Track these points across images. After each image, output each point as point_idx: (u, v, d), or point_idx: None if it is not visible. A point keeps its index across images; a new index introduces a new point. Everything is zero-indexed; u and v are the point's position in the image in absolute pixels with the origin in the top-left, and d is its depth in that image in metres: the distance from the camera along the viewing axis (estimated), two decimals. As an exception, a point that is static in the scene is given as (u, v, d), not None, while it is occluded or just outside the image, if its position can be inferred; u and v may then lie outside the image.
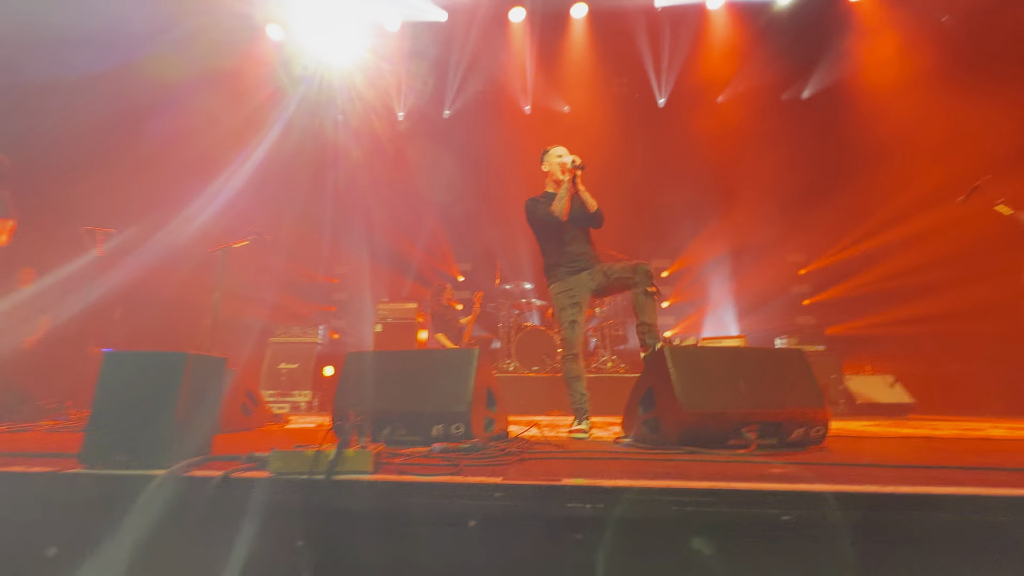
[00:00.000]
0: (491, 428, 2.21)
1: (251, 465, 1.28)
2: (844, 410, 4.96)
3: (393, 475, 1.24)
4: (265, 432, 2.72)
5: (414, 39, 7.00)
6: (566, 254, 2.79)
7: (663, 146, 7.40)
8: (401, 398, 2.05)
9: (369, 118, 7.67)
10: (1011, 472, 1.31)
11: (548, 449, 1.81)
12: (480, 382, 2.13)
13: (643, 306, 2.53)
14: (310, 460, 1.22)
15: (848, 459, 1.60)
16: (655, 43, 7.04)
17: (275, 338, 5.98)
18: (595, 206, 2.77)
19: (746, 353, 2.02)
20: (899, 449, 1.89)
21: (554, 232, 2.81)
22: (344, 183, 7.53)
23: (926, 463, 1.47)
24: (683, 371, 1.89)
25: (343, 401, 2.14)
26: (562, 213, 2.71)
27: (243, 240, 3.89)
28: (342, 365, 2.24)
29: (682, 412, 1.79)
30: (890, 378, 5.08)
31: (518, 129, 7.57)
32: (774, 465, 1.44)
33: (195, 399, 1.44)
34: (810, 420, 1.91)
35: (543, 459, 1.61)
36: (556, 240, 2.82)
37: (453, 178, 7.55)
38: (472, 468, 1.39)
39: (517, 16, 6.89)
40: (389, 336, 5.98)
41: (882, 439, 2.35)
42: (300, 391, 5.66)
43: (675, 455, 1.68)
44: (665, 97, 7.43)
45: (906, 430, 2.95)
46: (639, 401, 2.15)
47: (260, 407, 3.02)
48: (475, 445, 1.70)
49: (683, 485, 1.13)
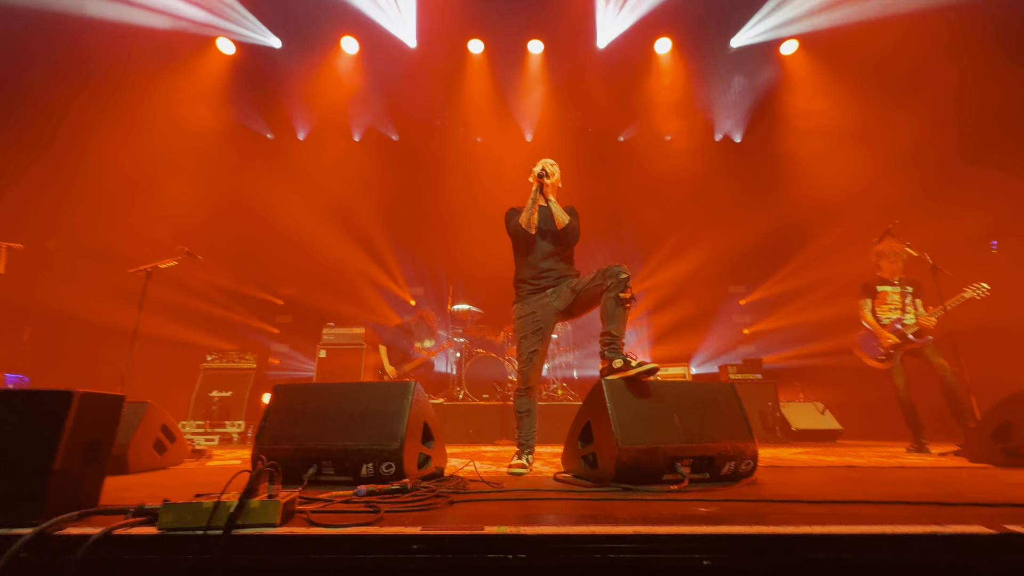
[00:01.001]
0: (426, 465, 2.12)
1: (138, 520, 1.14)
2: (781, 437, 5.17)
3: (302, 527, 1.14)
4: (178, 473, 2.49)
5: (374, 60, 7.00)
6: (532, 268, 2.66)
7: (618, 179, 7.68)
8: (330, 434, 1.93)
9: (324, 135, 7.55)
10: (916, 506, 1.38)
11: (481, 489, 1.75)
12: (416, 416, 2.04)
13: (612, 314, 2.32)
14: (207, 513, 1.11)
15: (773, 494, 1.64)
16: (608, 79, 7.37)
17: (208, 363, 5.58)
18: (565, 221, 2.62)
19: (680, 387, 2.05)
20: (821, 481, 1.96)
21: (522, 244, 2.70)
22: (294, 200, 7.29)
23: (843, 497, 1.53)
24: (620, 406, 1.90)
25: (266, 438, 1.99)
26: (528, 225, 2.61)
27: (171, 260, 3.63)
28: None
29: (618, 448, 1.78)
30: (820, 405, 5.38)
31: (474, 154, 7.66)
32: (702, 504, 1.45)
33: (81, 444, 1.28)
34: (740, 453, 1.95)
35: (474, 501, 1.54)
36: (524, 253, 2.71)
37: (406, 200, 7.51)
38: (394, 515, 1.31)
39: (476, 47, 7.04)
40: (333, 362, 5.72)
41: (808, 469, 2.44)
42: (233, 421, 5.27)
43: (608, 494, 1.66)
44: (619, 131, 7.78)
45: (831, 458, 3.09)
46: (578, 436, 2.13)
47: (177, 442, 2.77)
48: (404, 486, 1.61)
49: (607, 531, 1.10)
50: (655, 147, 7.75)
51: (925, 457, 3.20)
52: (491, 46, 7.00)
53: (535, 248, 2.67)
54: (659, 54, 7.02)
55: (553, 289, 2.62)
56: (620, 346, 2.30)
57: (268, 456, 1.91)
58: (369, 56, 6.94)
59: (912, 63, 5.91)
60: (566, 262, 2.71)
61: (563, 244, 2.67)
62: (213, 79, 6.68)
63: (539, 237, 2.67)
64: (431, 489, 1.62)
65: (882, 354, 3.89)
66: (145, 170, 6.19)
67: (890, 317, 3.95)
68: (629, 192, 7.61)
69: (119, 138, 6.06)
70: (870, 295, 4.08)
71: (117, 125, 6.08)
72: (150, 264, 3.53)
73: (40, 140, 5.87)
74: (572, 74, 7.16)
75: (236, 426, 5.23)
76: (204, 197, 6.68)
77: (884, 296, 4.02)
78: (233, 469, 2.65)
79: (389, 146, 7.78)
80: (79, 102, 5.95)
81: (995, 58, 5.44)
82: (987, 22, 5.40)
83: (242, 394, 5.39)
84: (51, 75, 5.75)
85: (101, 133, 6.01)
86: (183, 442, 2.85)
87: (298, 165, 7.39)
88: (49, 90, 5.77)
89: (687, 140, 7.71)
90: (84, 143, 5.97)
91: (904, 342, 3.81)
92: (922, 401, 3.85)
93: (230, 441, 5.18)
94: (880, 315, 3.99)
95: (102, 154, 5.98)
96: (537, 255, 2.66)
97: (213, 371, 5.53)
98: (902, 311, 3.93)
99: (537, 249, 2.67)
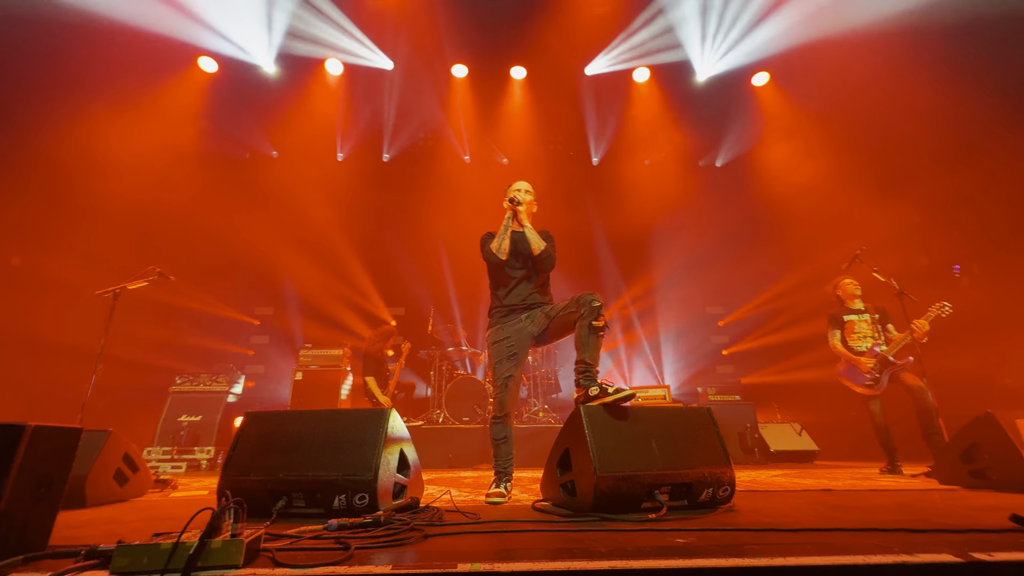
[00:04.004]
0: (402, 495, 2.06)
1: (89, 563, 1.08)
2: (760, 458, 5.20)
3: (267, 568, 1.09)
4: (139, 506, 2.36)
5: (356, 83, 7.06)
6: (508, 294, 2.63)
7: (596, 202, 7.83)
8: (302, 464, 1.87)
9: (306, 156, 7.53)
10: (889, 533, 1.40)
11: (458, 520, 1.70)
12: (392, 444, 2.00)
13: (586, 342, 2.30)
14: (164, 555, 1.05)
15: (750, 522, 1.64)
16: (589, 105, 7.57)
17: (177, 386, 5.38)
18: (540, 247, 2.58)
19: (657, 412, 2.06)
20: (798, 507, 1.97)
21: (496, 270, 2.67)
22: (271, 219, 7.20)
23: (819, 524, 1.54)
24: (598, 433, 1.89)
25: (234, 468, 1.92)
26: (500, 251, 2.59)
27: (141, 280, 3.52)
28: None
29: (597, 476, 1.77)
30: (797, 426, 5.45)
31: (456, 177, 7.72)
32: (680, 534, 1.44)
33: (31, 482, 1.21)
34: (718, 480, 1.95)
35: (450, 534, 1.50)
36: (498, 278, 2.69)
37: (387, 220, 7.50)
38: (365, 552, 1.26)
39: (460, 72, 7.17)
40: (310, 385, 5.58)
41: (785, 494, 2.45)
42: (202, 447, 5.06)
43: (586, 524, 1.63)
44: (599, 156, 7.95)
45: (808, 481, 3.12)
46: (556, 463, 2.11)
47: (140, 472, 2.65)
48: (377, 519, 1.56)
49: (583, 567, 1.08)
50: (633, 171, 7.94)
51: (898, 479, 3.26)
52: (475, 71, 7.14)
53: (510, 274, 2.65)
54: (637, 82, 7.27)
55: (527, 314, 2.60)
56: (595, 374, 2.29)
57: (236, 488, 1.84)
58: (351, 78, 7.00)
59: (875, 97, 6.23)
60: (541, 288, 2.69)
61: (538, 270, 2.66)
62: (192, 97, 6.62)
63: (514, 262, 2.65)
64: (405, 522, 1.57)
65: (869, 380, 3.95)
66: (113, 187, 6.03)
67: (862, 345, 4.05)
68: (606, 215, 7.75)
69: (90, 153, 5.92)
70: (838, 326, 4.19)
71: (90, 139, 5.95)
72: (119, 285, 3.42)
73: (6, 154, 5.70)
74: (555, 99, 7.33)
75: (205, 452, 5.02)
76: (179, 215, 6.56)
77: (852, 325, 4.14)
78: (198, 500, 2.53)
79: (371, 167, 7.79)
80: (53, 114, 5.83)
81: (957, 90, 5.74)
82: (945, 54, 5.71)
83: (212, 418, 5.20)
84: (19, 84, 5.63)
85: (74, 149, 5.88)
86: (146, 472, 2.72)
87: (277, 185, 7.33)
88: (17, 101, 5.65)
89: (666, 165, 7.93)
90: (54, 159, 5.83)
91: (886, 365, 3.89)
92: (894, 423, 3.94)
93: (198, 468, 4.97)
94: (852, 344, 4.10)
95: (71, 171, 5.83)
96: (511, 281, 2.64)
97: (182, 394, 5.34)
98: (874, 338, 4.05)
99: (512, 275, 2.65)
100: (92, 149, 5.93)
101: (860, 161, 6.58)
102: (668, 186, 7.82)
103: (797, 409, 6.11)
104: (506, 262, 2.63)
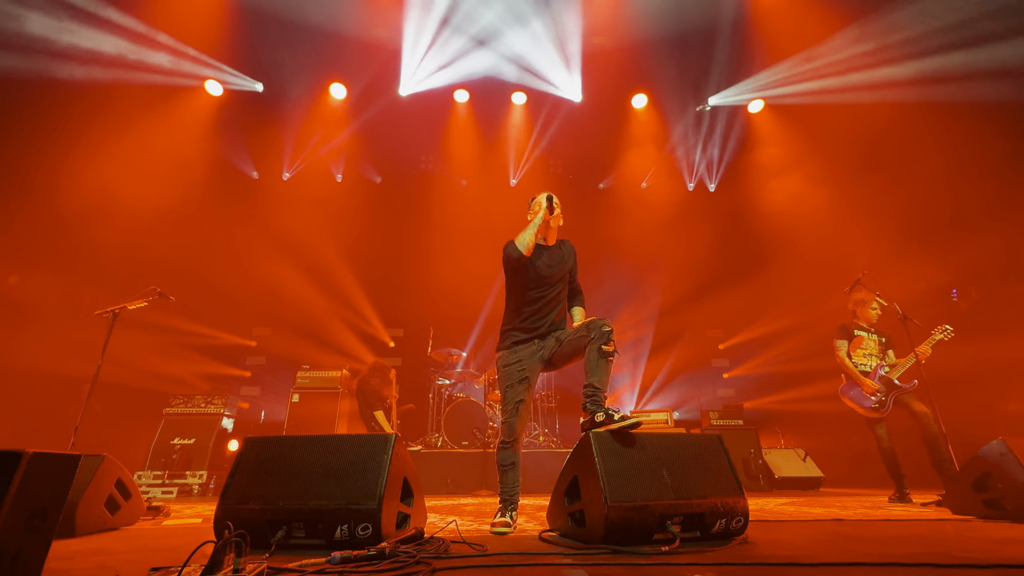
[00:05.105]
0: (405, 525, 2.00)
1: (84, 602, 1.03)
2: (765, 485, 5.11)
3: (270, 607, 1.04)
4: (130, 536, 2.28)
5: (360, 107, 7.19)
6: (525, 314, 2.51)
7: (599, 225, 7.87)
8: (302, 493, 1.81)
9: (306, 177, 7.60)
10: (911, 568, 1.35)
11: (464, 552, 1.65)
12: (396, 471, 1.95)
13: (595, 366, 2.24)
14: (163, 593, 1.00)
15: (767, 555, 1.59)
16: (589, 131, 7.71)
17: (171, 408, 5.28)
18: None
19: (667, 439, 2.02)
20: (812, 539, 1.92)
21: (520, 283, 2.52)
22: (272, 240, 7.21)
23: (836, 557, 1.49)
24: (608, 461, 1.84)
25: (232, 496, 1.86)
26: (524, 246, 2.43)
27: (141, 301, 3.48)
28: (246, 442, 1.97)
29: (608, 506, 1.72)
30: (801, 452, 5.37)
31: (457, 197, 7.79)
32: (697, 569, 1.39)
33: (25, 512, 1.16)
34: (731, 510, 1.90)
35: (458, 568, 1.44)
36: (518, 294, 2.54)
37: (387, 241, 7.54)
38: (371, 588, 1.21)
39: (461, 97, 7.31)
40: (307, 407, 5.48)
41: (797, 523, 2.40)
42: (195, 472, 4.93)
43: (597, 557, 1.58)
44: (605, 182, 8.10)
45: (818, 510, 3.05)
46: (564, 491, 2.05)
47: (133, 499, 2.56)
48: (382, 552, 1.51)
49: (602, 605, 1.04)
50: (633, 194, 8.04)
51: (908, 508, 3.19)
52: (475, 95, 7.29)
53: (534, 292, 2.52)
54: (636, 108, 7.43)
55: (540, 339, 2.53)
56: (603, 399, 2.24)
57: (234, 516, 1.78)
58: (355, 101, 7.13)
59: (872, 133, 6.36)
60: (561, 313, 2.62)
61: (565, 294, 2.65)
62: (196, 120, 6.71)
63: (540, 281, 2.53)
64: (411, 554, 1.52)
65: (874, 403, 3.89)
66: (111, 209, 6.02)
67: (867, 364, 4.02)
68: (609, 238, 7.80)
69: (88, 174, 5.93)
70: (847, 337, 4.16)
71: (88, 161, 5.97)
72: (118, 305, 3.38)
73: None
74: (558, 124, 7.48)
75: (197, 477, 4.89)
76: (178, 237, 6.57)
77: (860, 341, 4.11)
78: (192, 529, 2.45)
79: (371, 188, 7.87)
80: (54, 135, 5.88)
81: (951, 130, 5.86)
82: (947, 95, 5.84)
83: (206, 442, 5.08)
84: (22, 107, 5.69)
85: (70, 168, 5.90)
86: (139, 499, 2.64)
87: (277, 206, 7.37)
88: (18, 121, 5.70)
89: (663, 189, 8.04)
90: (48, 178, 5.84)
91: (891, 388, 3.86)
92: (899, 448, 3.88)
93: (190, 494, 4.83)
94: (856, 360, 4.07)
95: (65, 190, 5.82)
96: (536, 300, 2.52)
97: (176, 416, 5.23)
98: (880, 358, 4.03)
99: (536, 293, 2.52)
100: (89, 170, 5.95)
101: (861, 185, 6.65)
102: (666, 209, 7.92)
103: (799, 434, 6.03)
104: (531, 284, 2.52)
